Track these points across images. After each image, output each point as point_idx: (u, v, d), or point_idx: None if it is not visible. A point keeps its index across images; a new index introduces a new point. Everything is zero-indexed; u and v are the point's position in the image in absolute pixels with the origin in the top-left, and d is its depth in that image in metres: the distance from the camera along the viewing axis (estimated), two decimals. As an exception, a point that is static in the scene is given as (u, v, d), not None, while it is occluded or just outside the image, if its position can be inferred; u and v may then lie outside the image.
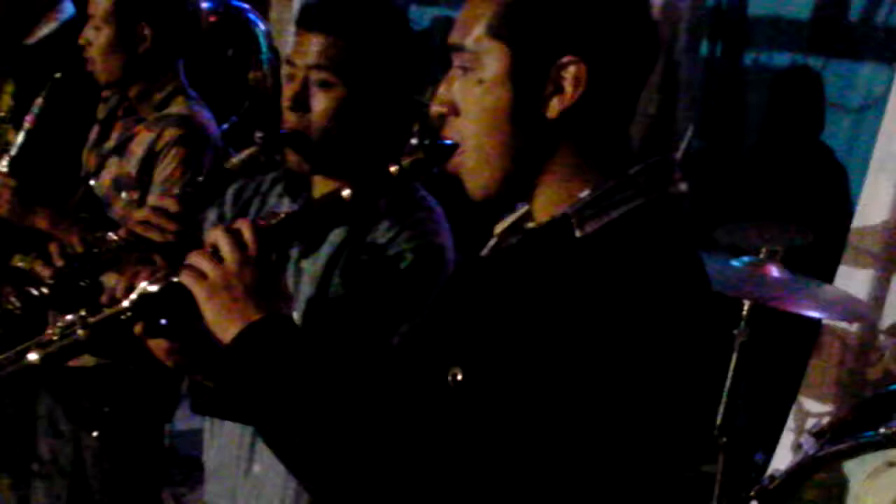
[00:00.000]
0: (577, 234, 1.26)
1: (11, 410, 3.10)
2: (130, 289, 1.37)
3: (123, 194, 2.61)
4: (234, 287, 1.29)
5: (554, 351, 1.16)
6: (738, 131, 4.30)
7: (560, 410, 1.15)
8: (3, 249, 2.89)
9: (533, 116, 1.27)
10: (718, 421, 2.91)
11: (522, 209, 1.43)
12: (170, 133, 2.58)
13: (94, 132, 2.78)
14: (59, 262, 1.71)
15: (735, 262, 2.96)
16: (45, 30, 3.23)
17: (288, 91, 1.79)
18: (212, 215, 1.98)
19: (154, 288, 1.35)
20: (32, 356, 1.33)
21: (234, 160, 1.82)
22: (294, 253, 1.83)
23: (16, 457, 3.04)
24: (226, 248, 1.32)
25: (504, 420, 1.16)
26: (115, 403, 2.69)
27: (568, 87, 1.25)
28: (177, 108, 2.65)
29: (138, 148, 2.61)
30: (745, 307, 2.94)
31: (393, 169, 1.36)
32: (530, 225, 1.37)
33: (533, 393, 1.16)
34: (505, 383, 1.18)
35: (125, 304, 1.35)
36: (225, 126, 4.02)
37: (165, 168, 2.56)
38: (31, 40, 3.23)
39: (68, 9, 3.25)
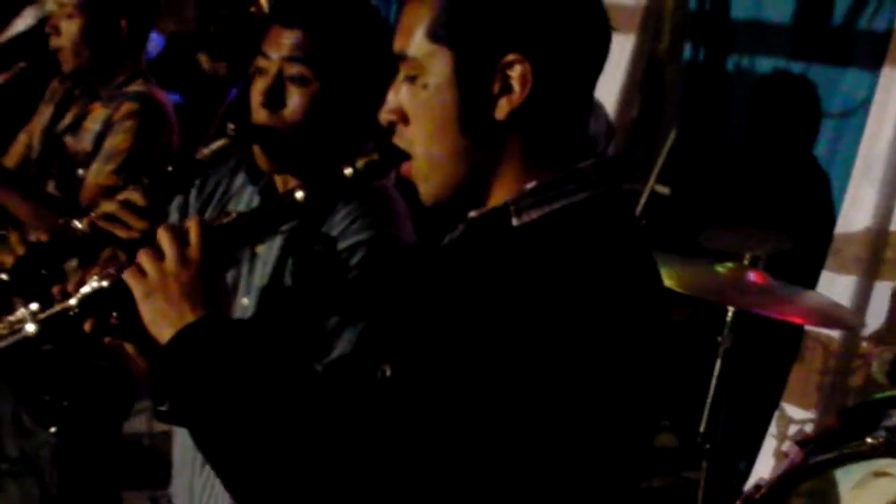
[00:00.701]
0: (514, 222, 1.23)
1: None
2: (82, 283, 1.33)
3: (80, 171, 2.58)
4: (170, 287, 1.26)
5: (474, 344, 1.11)
6: (720, 135, 4.29)
7: (476, 407, 1.09)
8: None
9: (481, 119, 1.24)
10: (702, 428, 2.89)
11: None
12: (126, 107, 2.57)
13: (48, 113, 2.74)
14: (20, 250, 1.67)
15: (719, 268, 2.94)
16: (21, 25, 3.18)
17: (260, 85, 1.74)
18: (175, 202, 1.95)
19: (102, 284, 1.31)
20: None
21: (205, 151, 1.78)
22: None
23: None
24: (166, 246, 1.28)
25: (426, 420, 1.11)
26: (75, 398, 2.63)
27: (516, 87, 1.22)
28: (136, 87, 2.63)
29: (93, 124, 2.60)
30: (729, 313, 2.92)
31: (347, 171, 1.33)
32: (472, 214, 1.32)
33: (453, 390, 1.10)
34: (427, 381, 1.13)
35: (73, 300, 1.31)
36: (234, 92, 4.02)
37: (116, 138, 2.54)
38: (4, 38, 3.18)
39: (50, 3, 3.20)
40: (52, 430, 2.65)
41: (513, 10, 1.22)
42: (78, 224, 1.69)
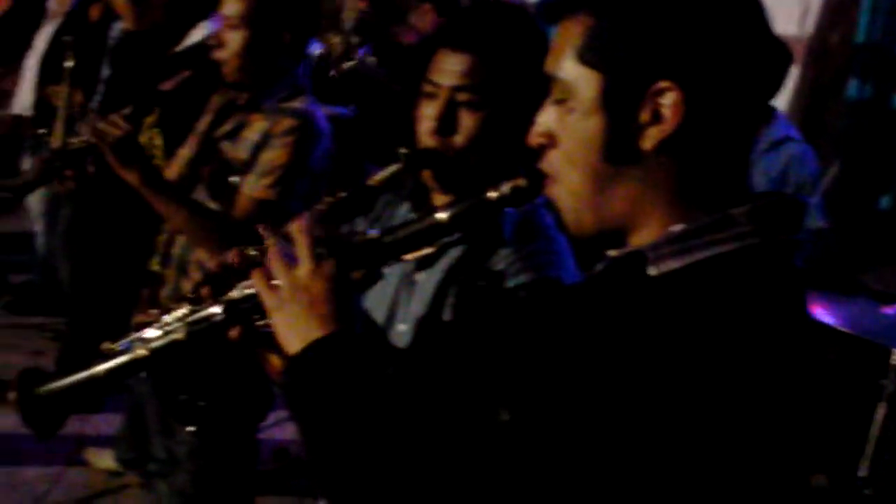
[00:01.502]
0: (652, 272, 1.14)
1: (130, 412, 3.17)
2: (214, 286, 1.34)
3: (233, 178, 2.61)
4: (301, 299, 1.24)
5: (597, 400, 1.04)
6: (885, 172, 4.16)
7: (602, 466, 1.03)
8: (142, 254, 2.94)
9: (627, 148, 1.15)
10: (863, 472, 2.80)
11: None
12: (286, 122, 2.58)
13: (206, 121, 2.77)
14: (196, 275, 1.72)
15: (887, 310, 2.85)
16: (197, 36, 3.28)
17: (429, 111, 1.73)
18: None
19: (246, 292, 1.31)
20: (141, 351, 1.33)
21: (377, 177, 1.78)
22: (410, 265, 1.78)
23: (141, 455, 3.09)
24: (301, 257, 1.26)
25: (542, 474, 1.05)
26: (212, 398, 2.66)
27: (667, 115, 1.12)
28: (296, 104, 2.64)
29: (252, 134, 2.62)
30: (894, 357, 2.82)
31: (492, 195, 1.30)
32: (612, 253, 1.23)
33: (577, 445, 1.04)
34: (548, 433, 1.06)
35: (218, 306, 1.32)
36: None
37: (273, 152, 2.56)
38: (181, 47, 3.29)
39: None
40: (191, 429, 2.70)
41: (666, 34, 1.13)
42: (252, 251, 1.73)
